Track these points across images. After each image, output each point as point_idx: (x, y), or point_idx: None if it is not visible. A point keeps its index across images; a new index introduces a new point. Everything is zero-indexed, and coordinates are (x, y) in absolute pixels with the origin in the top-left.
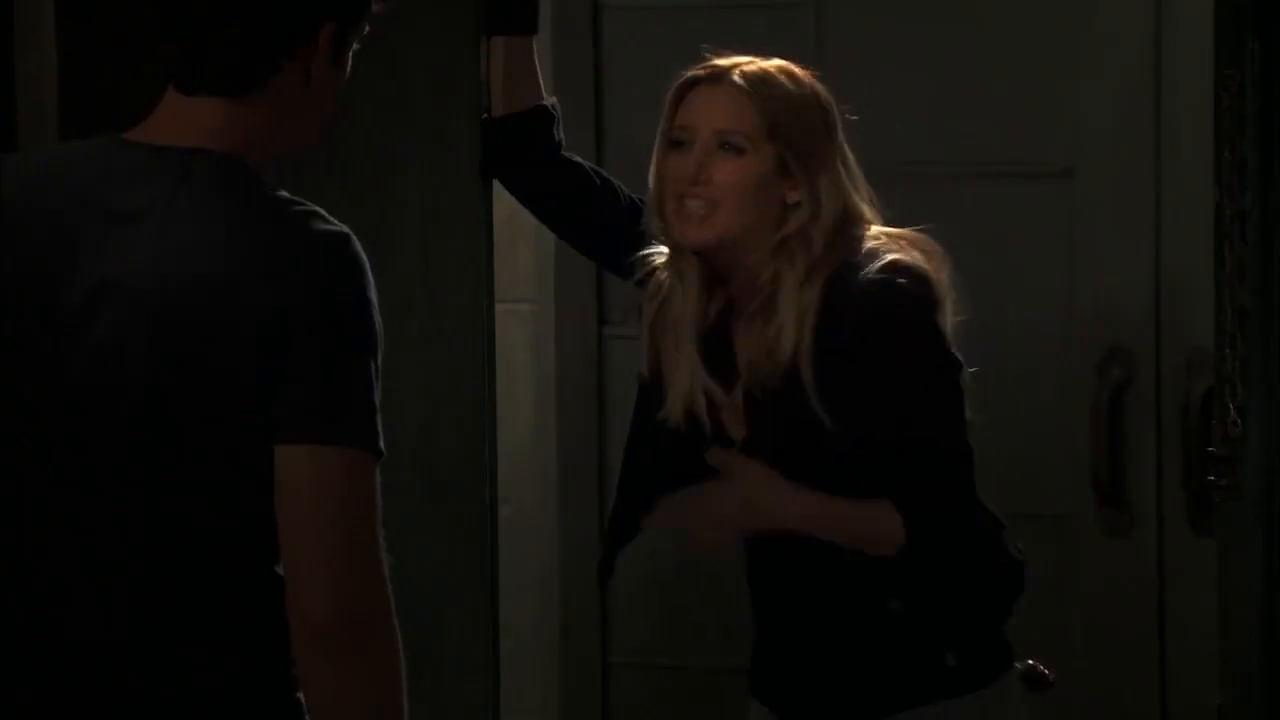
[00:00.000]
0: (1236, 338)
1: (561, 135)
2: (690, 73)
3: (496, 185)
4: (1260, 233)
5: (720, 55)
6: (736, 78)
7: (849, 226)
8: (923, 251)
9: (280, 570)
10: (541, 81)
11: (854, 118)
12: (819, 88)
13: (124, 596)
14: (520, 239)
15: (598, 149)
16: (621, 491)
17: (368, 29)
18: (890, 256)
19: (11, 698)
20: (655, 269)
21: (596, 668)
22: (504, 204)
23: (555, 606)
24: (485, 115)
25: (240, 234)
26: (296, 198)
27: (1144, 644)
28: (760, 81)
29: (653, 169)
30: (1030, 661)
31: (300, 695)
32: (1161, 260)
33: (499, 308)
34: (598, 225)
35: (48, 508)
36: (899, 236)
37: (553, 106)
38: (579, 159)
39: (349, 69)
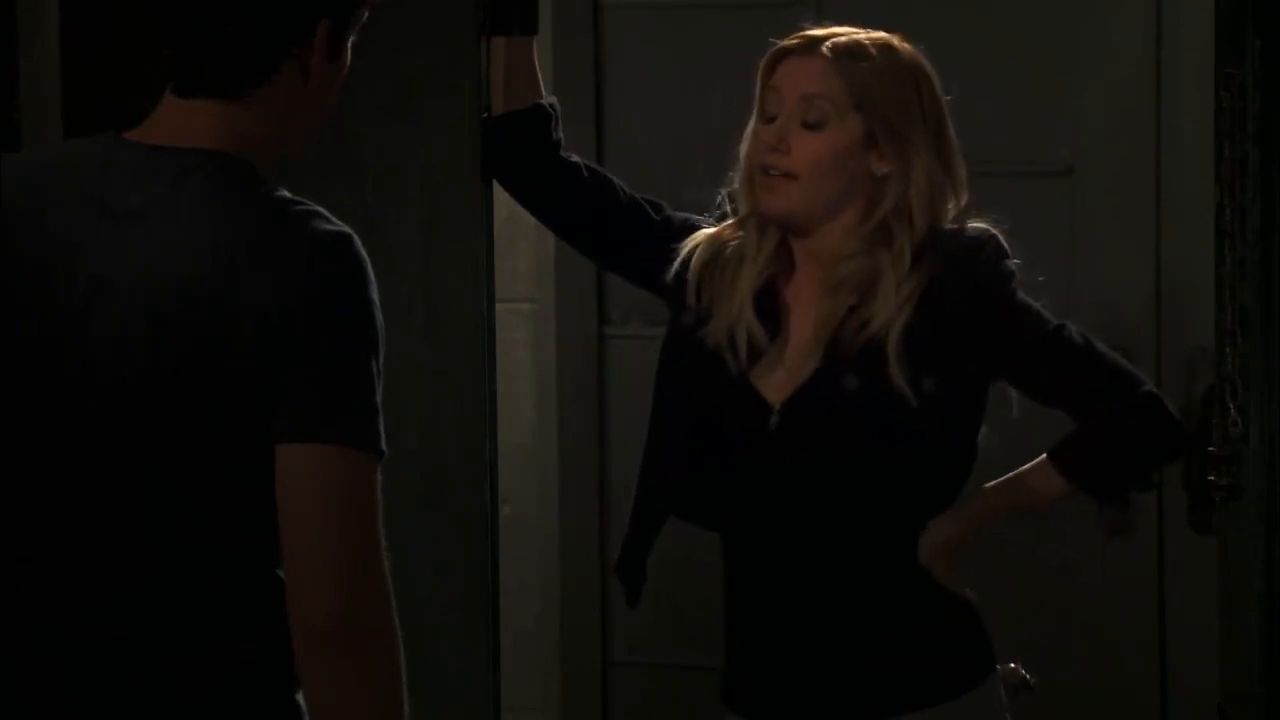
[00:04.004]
0: (1237, 337)
1: (560, 135)
2: (783, 43)
3: (496, 185)
4: (1260, 231)
5: (818, 27)
6: (826, 48)
7: (943, 208)
8: None
9: (280, 572)
10: (541, 81)
11: None
12: (921, 63)
13: (124, 597)
14: (520, 238)
15: (598, 149)
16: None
17: (364, 21)
18: (981, 224)
19: (11, 697)
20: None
21: (596, 668)
22: (504, 204)
23: (555, 606)
24: (485, 114)
25: (240, 234)
26: (297, 198)
27: (1144, 644)
28: (848, 51)
29: (743, 144)
30: (1012, 665)
31: (300, 696)
32: (1161, 260)
33: (499, 307)
34: (597, 225)
35: (48, 509)
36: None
37: (552, 106)
38: (578, 158)
39: (347, 64)
